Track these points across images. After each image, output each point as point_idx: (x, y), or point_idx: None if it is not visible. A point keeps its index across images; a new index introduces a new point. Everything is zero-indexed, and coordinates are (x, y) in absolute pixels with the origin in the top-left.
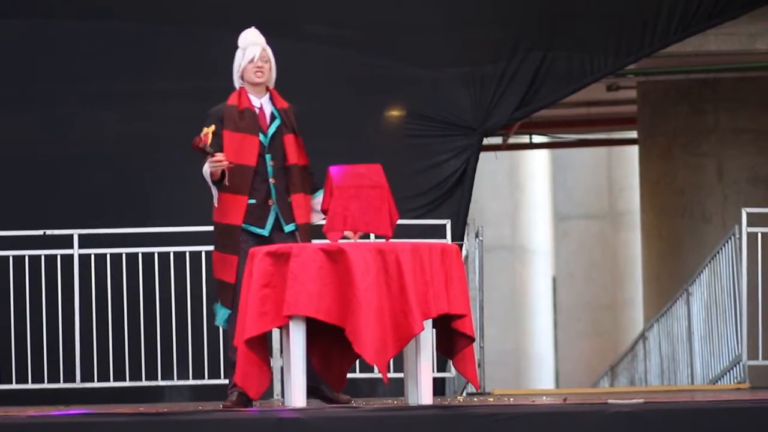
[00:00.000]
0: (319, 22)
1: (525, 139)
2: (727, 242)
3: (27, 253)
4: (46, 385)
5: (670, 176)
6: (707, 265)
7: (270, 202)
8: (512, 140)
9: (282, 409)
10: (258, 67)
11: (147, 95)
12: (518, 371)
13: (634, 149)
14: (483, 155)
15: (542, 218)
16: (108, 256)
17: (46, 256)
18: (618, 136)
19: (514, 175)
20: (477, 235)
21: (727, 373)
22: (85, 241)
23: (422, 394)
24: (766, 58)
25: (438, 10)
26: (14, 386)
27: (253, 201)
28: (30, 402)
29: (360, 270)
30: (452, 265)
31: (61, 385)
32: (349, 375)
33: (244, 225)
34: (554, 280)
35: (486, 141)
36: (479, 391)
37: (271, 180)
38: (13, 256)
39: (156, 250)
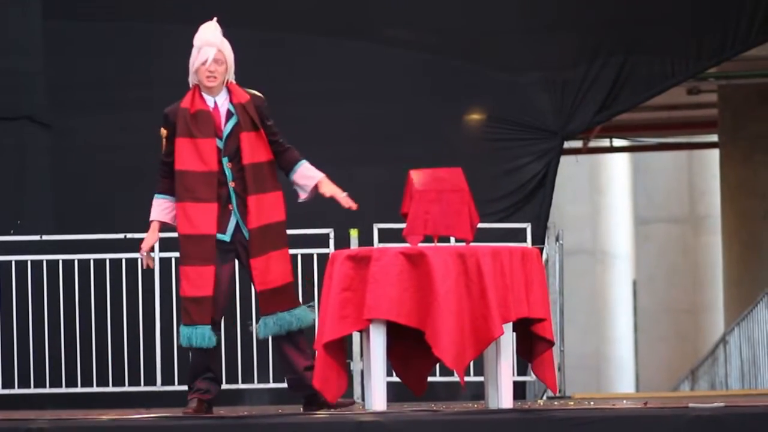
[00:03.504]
0: (399, 26)
1: (605, 142)
2: None
3: (108, 256)
4: (127, 388)
5: (751, 180)
6: None
7: (230, 206)
8: (593, 144)
9: (362, 412)
10: (210, 71)
11: None
12: (599, 375)
13: (715, 153)
14: (563, 159)
15: (623, 222)
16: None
17: (127, 259)
18: (698, 140)
19: (595, 179)
20: (557, 239)
21: None
22: (165, 245)
23: (502, 397)
24: None
25: (519, 14)
26: (95, 389)
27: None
28: (111, 405)
29: (440, 274)
30: (533, 269)
31: (143, 388)
32: (430, 378)
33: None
34: (635, 283)
35: (566, 144)
36: (559, 395)
37: (231, 184)
38: (95, 260)
39: None
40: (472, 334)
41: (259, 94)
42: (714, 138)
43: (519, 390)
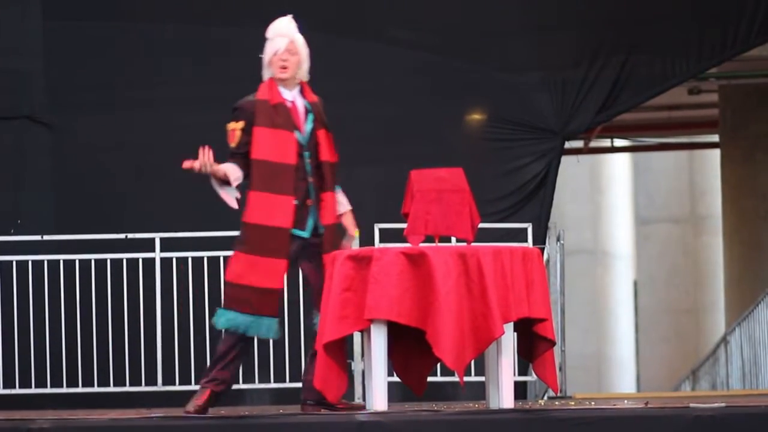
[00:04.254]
0: (401, 26)
1: (606, 142)
2: None
3: (109, 256)
4: (127, 388)
5: (752, 180)
6: None
7: (309, 201)
8: (593, 144)
9: (363, 412)
10: (283, 60)
11: (228, 98)
12: (599, 375)
13: (716, 153)
14: (564, 159)
15: (623, 222)
16: (189, 260)
17: (128, 259)
18: (699, 140)
19: (596, 179)
20: (558, 239)
21: None
22: (167, 245)
23: (503, 397)
24: None
25: (519, 14)
26: (96, 389)
27: (295, 201)
28: (112, 405)
29: (441, 273)
30: (533, 269)
31: (143, 388)
32: (431, 378)
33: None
34: (635, 284)
35: (567, 145)
36: (560, 395)
37: (310, 179)
38: (96, 260)
39: None
40: (472, 334)
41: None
42: (715, 138)
43: (520, 390)
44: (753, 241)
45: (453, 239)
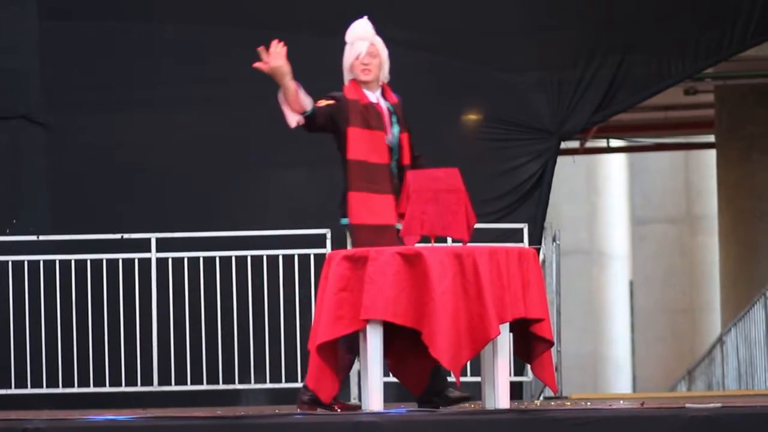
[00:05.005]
0: (399, 26)
1: (602, 143)
2: None
3: (105, 256)
4: (123, 389)
5: (748, 180)
6: None
7: None
8: (589, 144)
9: (359, 412)
10: (364, 64)
11: (224, 99)
12: (595, 375)
13: (712, 153)
14: (560, 159)
15: (619, 222)
16: (185, 260)
17: (124, 259)
18: (695, 140)
19: (592, 179)
20: (554, 239)
21: None
22: (162, 245)
23: (499, 398)
24: None
25: (516, 14)
26: (92, 389)
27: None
28: (108, 405)
29: (437, 274)
30: (529, 269)
31: (139, 388)
32: None
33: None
34: (631, 284)
35: (563, 145)
36: (556, 395)
37: (395, 180)
38: (91, 260)
39: (233, 253)
40: (468, 335)
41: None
42: (711, 138)
43: (516, 390)
44: (749, 241)
45: (449, 239)
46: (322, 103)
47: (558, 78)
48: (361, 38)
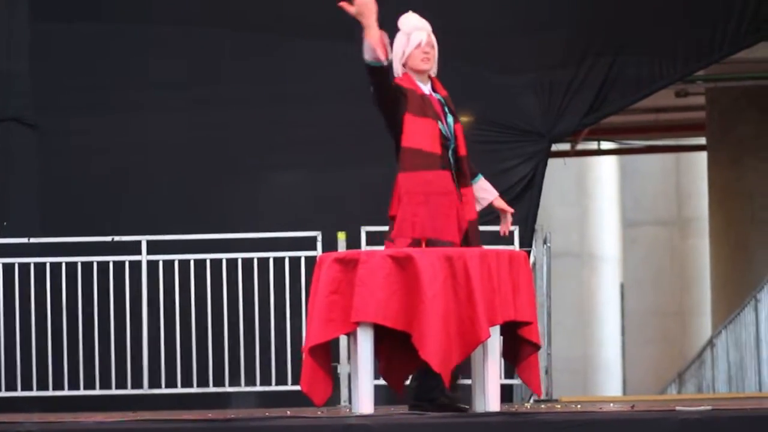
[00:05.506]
0: (387, 27)
1: (593, 145)
2: None
3: (95, 259)
4: (113, 392)
5: (739, 182)
6: None
7: None
8: (580, 146)
9: (349, 415)
10: (425, 52)
11: (219, 101)
12: (586, 378)
13: (703, 155)
14: (551, 161)
15: (610, 225)
16: (176, 263)
17: (114, 262)
18: (686, 143)
19: (582, 182)
20: (545, 242)
21: None
22: (153, 248)
23: (489, 401)
24: None
25: (507, 16)
26: (83, 392)
27: None
28: (98, 408)
29: (428, 277)
30: (520, 272)
31: (129, 391)
32: None
33: None
34: (622, 286)
35: (554, 147)
36: (546, 398)
37: (454, 172)
38: (82, 263)
39: (224, 256)
40: (458, 338)
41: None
42: (702, 141)
43: (506, 393)
44: (739, 243)
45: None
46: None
47: (549, 80)
48: (419, 28)
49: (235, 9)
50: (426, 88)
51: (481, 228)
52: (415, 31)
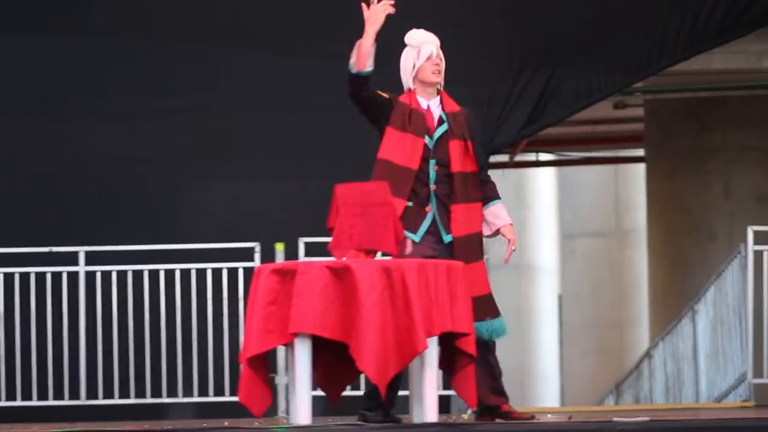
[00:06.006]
0: (327, 39)
1: (532, 156)
2: (733, 260)
3: (33, 270)
4: (51, 402)
5: (677, 194)
6: (713, 283)
7: (428, 208)
8: (519, 158)
9: (287, 426)
10: (436, 64)
11: (158, 112)
12: (523, 389)
13: (641, 167)
14: (490, 173)
15: (548, 236)
16: (114, 274)
17: (52, 273)
18: (625, 154)
19: (521, 193)
20: (483, 253)
21: (733, 392)
22: (91, 258)
23: (427, 411)
24: None
25: (446, 29)
26: (19, 403)
27: (410, 203)
28: (35, 419)
29: (365, 287)
30: (457, 283)
31: (67, 402)
32: (355, 392)
33: None
34: (560, 298)
35: (493, 158)
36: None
37: (432, 187)
38: (20, 273)
39: (162, 267)
40: (396, 348)
41: (471, 112)
42: (640, 152)
43: (443, 404)
44: (677, 255)
45: (378, 253)
46: (379, 91)
47: (487, 92)
48: (428, 41)
49: (171, 19)
50: (426, 103)
51: None
52: (425, 44)
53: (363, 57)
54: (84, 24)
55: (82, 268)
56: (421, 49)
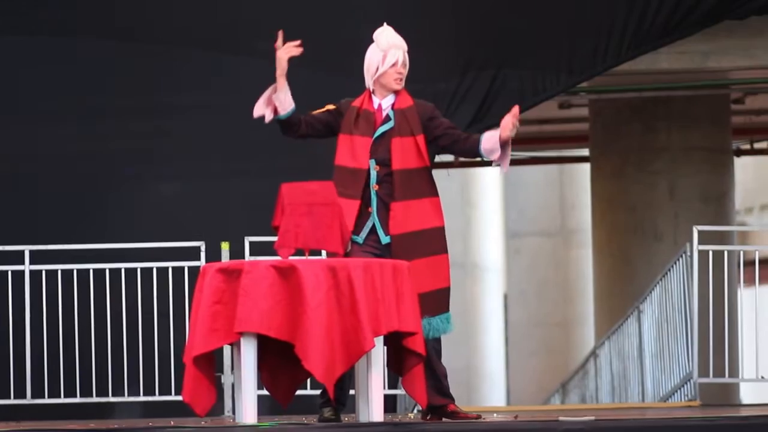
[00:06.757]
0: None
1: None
2: (679, 260)
3: (10, 268)
4: (12, 401)
5: (622, 194)
6: (658, 282)
7: (369, 209)
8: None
9: (233, 425)
10: (399, 72)
11: (102, 111)
12: (469, 388)
13: (586, 167)
14: (435, 172)
15: (494, 235)
16: (59, 272)
17: (31, 271)
18: (570, 154)
19: (466, 192)
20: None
21: (678, 391)
22: (36, 257)
23: (373, 411)
24: (718, 77)
25: (392, 26)
26: None
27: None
28: None
29: (311, 287)
30: (403, 282)
31: (12, 401)
32: (301, 392)
33: None
34: (506, 297)
35: (438, 158)
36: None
37: (374, 187)
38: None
39: (107, 266)
40: (342, 348)
41: (427, 103)
42: (585, 152)
43: (389, 403)
44: (622, 255)
45: (323, 252)
46: (322, 109)
47: (432, 91)
48: (396, 46)
49: (122, 21)
50: (384, 101)
51: None
52: (392, 49)
53: (278, 103)
54: (31, 24)
55: (27, 267)
56: (388, 54)
